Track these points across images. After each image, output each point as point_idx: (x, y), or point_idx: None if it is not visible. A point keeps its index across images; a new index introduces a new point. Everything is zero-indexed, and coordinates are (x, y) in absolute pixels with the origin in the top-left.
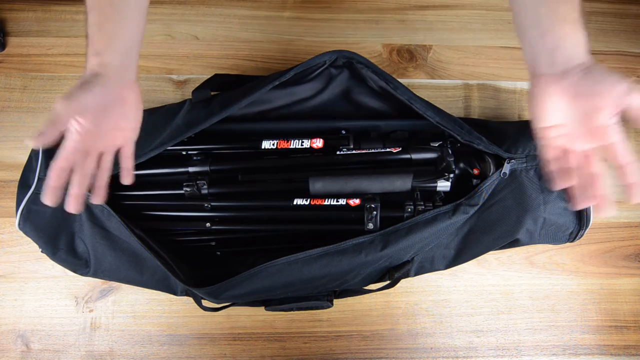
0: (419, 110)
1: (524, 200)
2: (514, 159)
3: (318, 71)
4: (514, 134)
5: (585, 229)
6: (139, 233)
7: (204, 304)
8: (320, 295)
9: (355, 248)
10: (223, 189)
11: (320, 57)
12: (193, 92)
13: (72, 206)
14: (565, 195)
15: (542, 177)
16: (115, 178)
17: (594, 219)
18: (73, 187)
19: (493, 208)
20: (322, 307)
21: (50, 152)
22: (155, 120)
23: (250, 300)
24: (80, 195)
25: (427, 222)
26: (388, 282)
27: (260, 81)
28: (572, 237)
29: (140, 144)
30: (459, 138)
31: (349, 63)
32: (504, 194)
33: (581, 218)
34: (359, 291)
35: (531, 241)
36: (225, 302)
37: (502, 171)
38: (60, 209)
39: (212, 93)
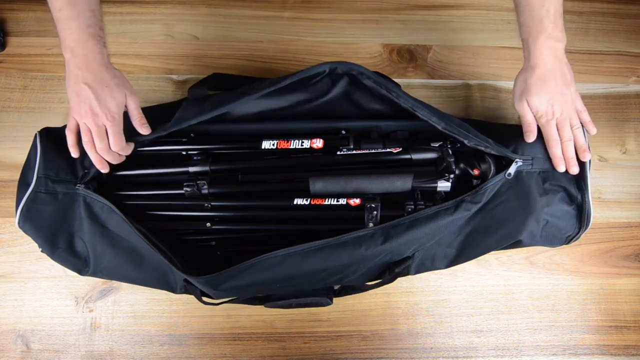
0: (423, 117)
1: (528, 202)
2: (520, 160)
3: (319, 78)
4: (519, 137)
5: (584, 230)
6: (139, 227)
7: (204, 300)
8: (319, 292)
9: (356, 241)
10: (223, 189)
11: (320, 67)
12: (189, 89)
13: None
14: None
15: (546, 179)
16: (114, 179)
17: (593, 219)
18: None
19: (497, 209)
20: (322, 304)
21: (48, 151)
22: (152, 117)
23: (250, 296)
24: None
25: (429, 218)
26: (387, 277)
27: (255, 86)
28: (569, 240)
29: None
30: (466, 142)
31: (350, 74)
32: (509, 195)
33: (581, 220)
34: (359, 287)
35: (533, 243)
36: (224, 296)
37: (507, 172)
38: (59, 207)
39: (210, 92)
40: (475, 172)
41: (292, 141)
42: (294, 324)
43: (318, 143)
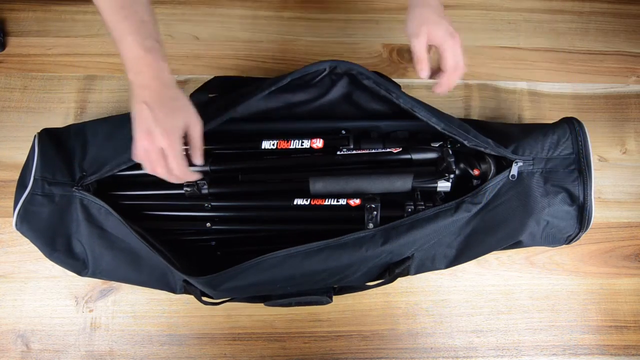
0: (423, 118)
1: (528, 203)
2: (521, 161)
3: (319, 77)
4: (519, 136)
5: (585, 231)
6: (137, 229)
7: (204, 300)
8: (319, 290)
9: (356, 242)
10: (223, 189)
11: (319, 65)
12: (191, 95)
13: None
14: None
15: (548, 180)
16: (113, 178)
17: (593, 219)
18: None
19: (498, 209)
20: (322, 303)
21: (46, 153)
22: None
23: (250, 296)
24: None
25: (429, 219)
26: (388, 277)
27: (257, 86)
28: (569, 240)
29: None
30: (465, 143)
31: (349, 73)
32: (509, 195)
33: (582, 220)
34: (359, 287)
35: (533, 243)
36: (224, 296)
37: (511, 173)
38: (56, 210)
39: (211, 95)
40: (476, 172)
41: (292, 141)
42: (294, 324)
43: (318, 143)
